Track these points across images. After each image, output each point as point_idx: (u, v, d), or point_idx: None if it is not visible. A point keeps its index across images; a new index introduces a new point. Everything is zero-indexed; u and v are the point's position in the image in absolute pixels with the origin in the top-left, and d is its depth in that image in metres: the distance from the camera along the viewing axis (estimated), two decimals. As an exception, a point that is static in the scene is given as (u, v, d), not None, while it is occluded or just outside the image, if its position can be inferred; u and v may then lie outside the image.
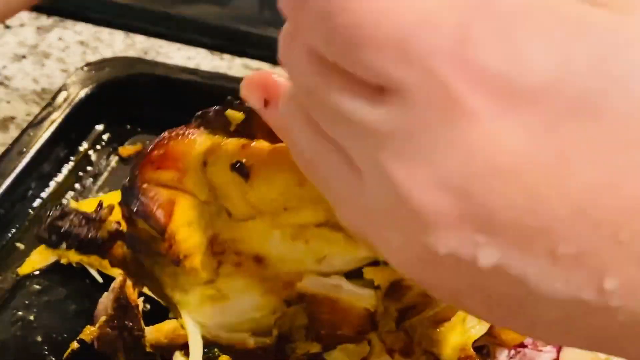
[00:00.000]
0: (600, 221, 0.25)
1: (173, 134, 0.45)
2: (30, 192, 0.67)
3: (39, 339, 0.58)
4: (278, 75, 0.37)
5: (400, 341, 0.44)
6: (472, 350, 0.45)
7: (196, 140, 0.44)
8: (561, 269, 0.25)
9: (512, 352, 0.49)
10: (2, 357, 0.57)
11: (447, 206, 0.25)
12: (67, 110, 0.71)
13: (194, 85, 0.76)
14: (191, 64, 0.86)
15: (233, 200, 0.42)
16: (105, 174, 0.72)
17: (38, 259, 0.62)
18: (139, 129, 0.77)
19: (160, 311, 0.56)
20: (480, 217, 0.25)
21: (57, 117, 0.71)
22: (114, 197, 0.63)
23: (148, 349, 0.51)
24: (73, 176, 0.71)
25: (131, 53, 0.87)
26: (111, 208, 0.46)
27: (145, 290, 0.56)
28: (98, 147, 0.74)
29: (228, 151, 0.42)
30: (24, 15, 0.91)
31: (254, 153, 0.41)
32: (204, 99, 0.76)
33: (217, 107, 0.45)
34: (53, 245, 0.45)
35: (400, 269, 0.29)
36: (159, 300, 0.47)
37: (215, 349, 0.54)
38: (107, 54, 0.87)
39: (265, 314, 0.44)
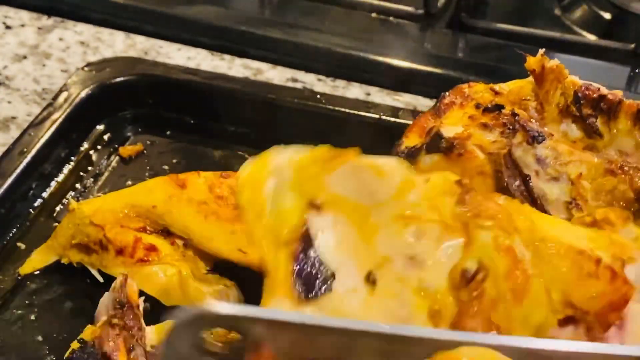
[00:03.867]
0: None
1: None
2: (31, 192, 0.68)
3: (40, 338, 0.58)
4: None
5: None
6: None
7: None
8: None
9: None
10: (3, 357, 0.57)
11: None
12: (68, 110, 0.72)
13: (195, 86, 0.77)
14: (191, 64, 0.86)
15: None
16: (106, 174, 0.72)
17: (39, 258, 0.62)
18: (140, 129, 0.77)
19: (160, 311, 0.56)
20: None
21: (58, 117, 0.71)
22: (114, 200, 0.63)
23: (149, 349, 0.51)
24: (74, 176, 0.71)
25: (132, 53, 0.87)
26: None
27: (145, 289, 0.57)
28: (99, 147, 0.75)
29: None
30: (25, 16, 0.92)
31: None
32: (204, 99, 0.77)
33: None
34: None
35: None
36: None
37: None
38: (108, 54, 0.87)
39: None
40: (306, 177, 0.46)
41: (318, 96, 0.76)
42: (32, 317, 0.59)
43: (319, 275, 0.44)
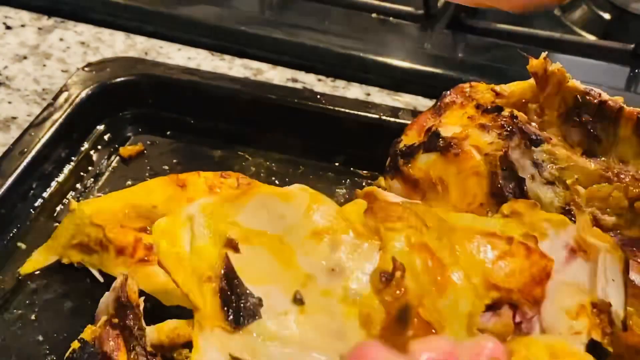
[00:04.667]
0: None
1: None
2: (32, 192, 0.68)
3: (40, 338, 0.58)
4: None
5: None
6: None
7: None
8: None
9: None
10: (3, 357, 0.57)
11: None
12: (68, 110, 0.72)
13: (195, 86, 0.77)
14: (192, 65, 0.86)
15: None
16: (107, 174, 0.72)
17: (39, 258, 0.62)
18: (140, 129, 0.77)
19: (161, 311, 0.56)
20: None
21: (59, 117, 0.71)
22: (115, 200, 0.63)
23: (149, 349, 0.52)
24: (74, 176, 0.71)
25: (132, 53, 0.87)
26: None
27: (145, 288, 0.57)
28: (99, 147, 0.75)
29: None
30: (25, 16, 0.92)
31: None
32: (204, 99, 0.77)
33: None
34: None
35: None
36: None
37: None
38: (108, 54, 0.87)
39: None
40: (219, 218, 0.47)
41: (318, 96, 0.76)
42: (32, 317, 0.59)
43: (246, 304, 0.44)
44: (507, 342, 0.45)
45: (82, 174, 0.72)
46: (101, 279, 0.60)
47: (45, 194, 0.69)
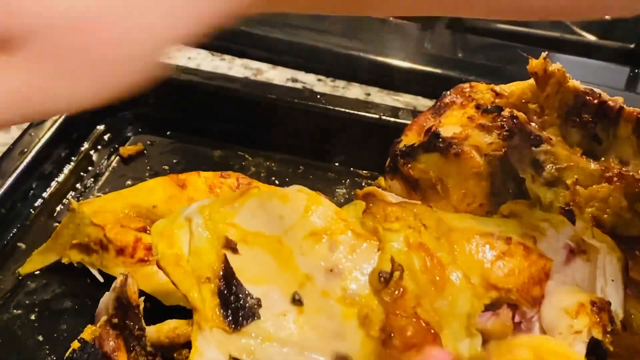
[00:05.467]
0: None
1: None
2: (32, 192, 0.68)
3: (40, 338, 0.58)
4: None
5: None
6: None
7: None
8: None
9: None
10: (4, 357, 0.57)
11: None
12: (68, 110, 0.72)
13: (195, 86, 0.77)
14: (192, 64, 0.86)
15: None
16: (107, 174, 0.72)
17: (39, 258, 0.62)
18: (140, 129, 0.77)
19: (161, 311, 0.56)
20: None
21: (59, 117, 0.71)
22: (115, 200, 0.63)
23: (149, 348, 0.52)
24: (74, 176, 0.71)
25: (132, 53, 0.87)
26: None
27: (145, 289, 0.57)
28: (99, 147, 0.75)
29: None
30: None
31: None
32: (204, 99, 0.77)
33: None
34: None
35: None
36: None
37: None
38: (108, 54, 0.87)
39: None
40: (217, 220, 0.47)
41: (318, 96, 0.76)
42: (32, 317, 0.59)
43: (245, 305, 0.44)
44: (487, 346, 0.45)
45: (82, 173, 0.72)
46: (101, 279, 0.60)
47: (45, 194, 0.69)
